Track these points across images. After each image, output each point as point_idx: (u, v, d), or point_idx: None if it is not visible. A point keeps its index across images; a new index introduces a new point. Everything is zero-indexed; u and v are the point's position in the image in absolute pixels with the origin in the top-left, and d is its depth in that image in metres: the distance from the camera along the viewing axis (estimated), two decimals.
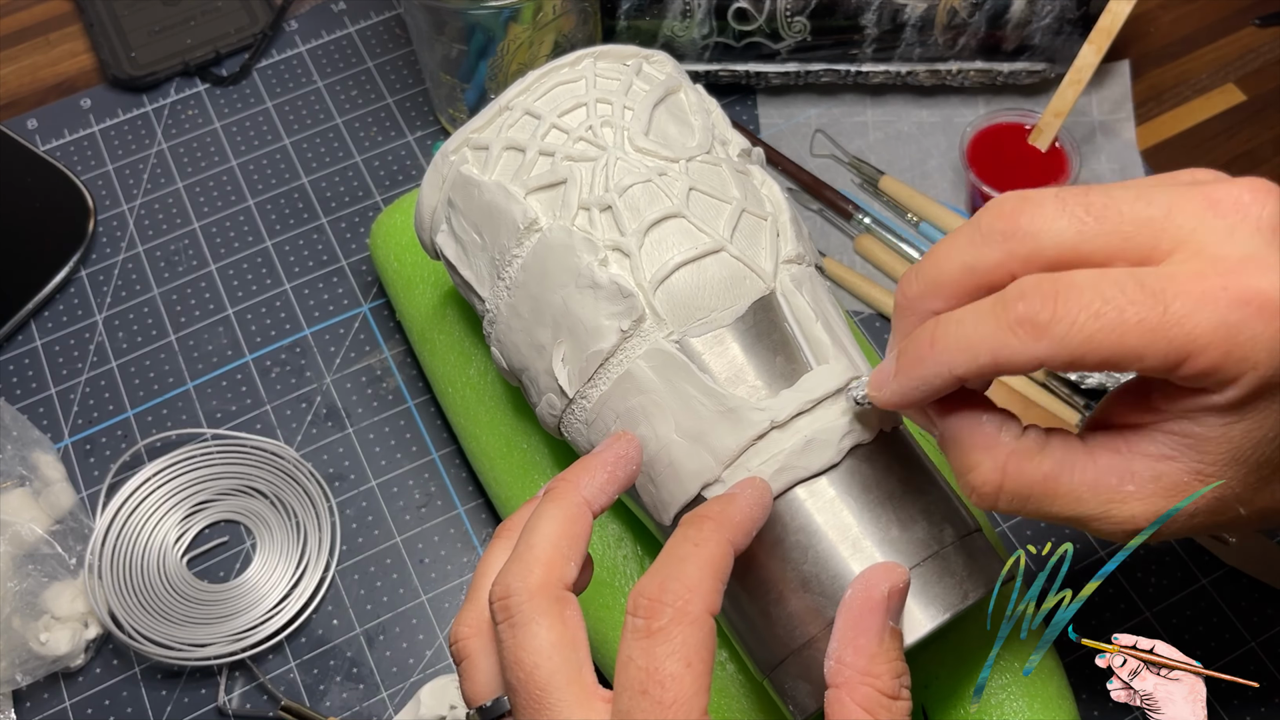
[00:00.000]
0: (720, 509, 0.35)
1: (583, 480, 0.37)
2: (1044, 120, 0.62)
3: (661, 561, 0.34)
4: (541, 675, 0.33)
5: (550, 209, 0.43)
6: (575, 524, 0.36)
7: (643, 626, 0.32)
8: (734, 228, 0.42)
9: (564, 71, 0.45)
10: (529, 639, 0.33)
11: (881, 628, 0.34)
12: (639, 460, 0.39)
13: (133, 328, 0.63)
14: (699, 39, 0.65)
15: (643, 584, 0.33)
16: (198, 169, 0.68)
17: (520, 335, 0.44)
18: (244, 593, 0.54)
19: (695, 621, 0.32)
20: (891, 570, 0.35)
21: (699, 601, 0.32)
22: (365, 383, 0.61)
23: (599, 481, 0.37)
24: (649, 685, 0.31)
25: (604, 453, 0.38)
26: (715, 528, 0.34)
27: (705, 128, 0.45)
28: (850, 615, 0.35)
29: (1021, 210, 0.33)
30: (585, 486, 0.37)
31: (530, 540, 0.35)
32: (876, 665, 0.34)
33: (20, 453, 0.56)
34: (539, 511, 0.36)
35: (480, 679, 0.36)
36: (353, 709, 0.53)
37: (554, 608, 0.34)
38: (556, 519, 0.36)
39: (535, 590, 0.34)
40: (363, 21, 0.74)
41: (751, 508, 0.36)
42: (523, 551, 0.35)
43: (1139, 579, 0.54)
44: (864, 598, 0.35)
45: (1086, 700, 0.51)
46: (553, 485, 0.37)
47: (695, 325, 0.41)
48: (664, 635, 0.32)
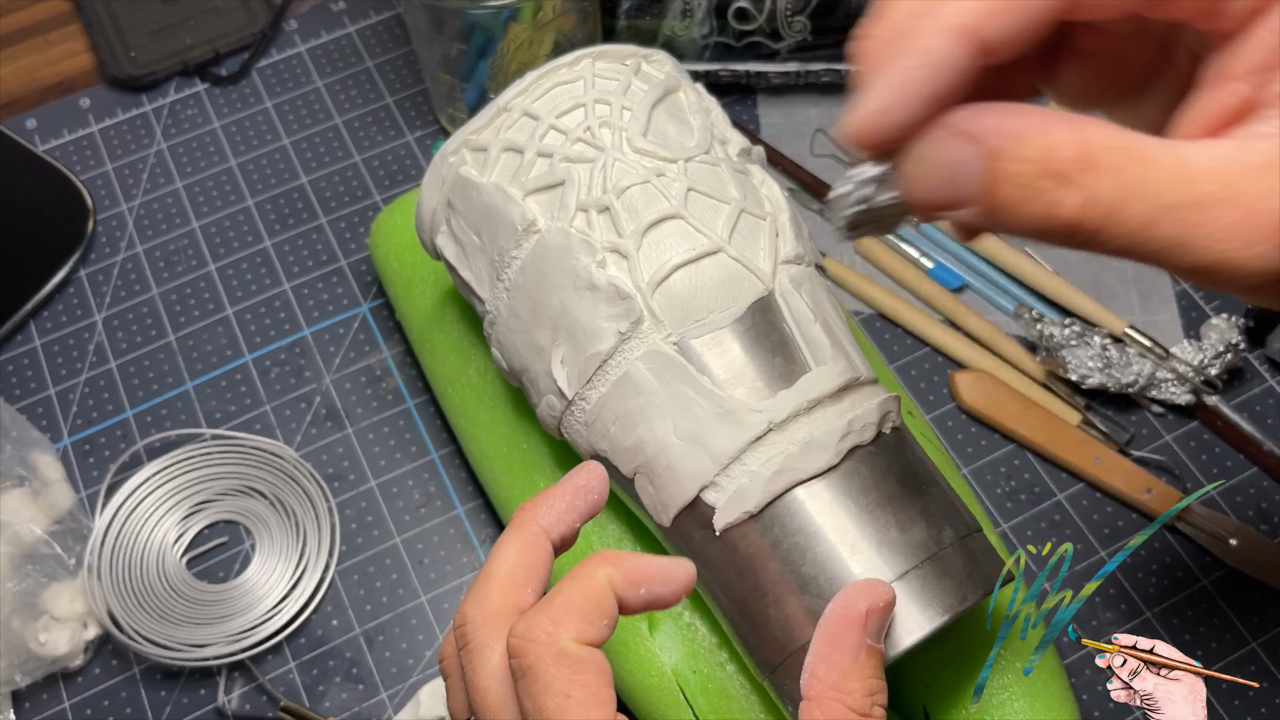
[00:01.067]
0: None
1: (540, 510, 0.37)
2: None
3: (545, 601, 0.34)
4: (493, 699, 0.34)
5: (548, 210, 0.43)
6: (532, 552, 0.36)
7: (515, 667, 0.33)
8: (732, 228, 0.42)
9: (562, 72, 0.45)
10: (482, 664, 0.34)
11: (857, 645, 0.34)
12: (602, 490, 0.38)
13: (132, 328, 0.63)
14: (699, 39, 0.65)
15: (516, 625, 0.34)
16: (197, 169, 0.68)
17: (520, 337, 0.44)
18: (243, 593, 0.54)
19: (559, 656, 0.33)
20: (873, 588, 0.35)
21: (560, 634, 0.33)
22: (365, 383, 0.61)
23: (557, 511, 0.37)
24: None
25: (565, 483, 0.38)
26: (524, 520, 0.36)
27: (704, 127, 0.45)
28: (827, 630, 0.35)
29: None
30: (543, 516, 0.37)
31: (489, 569, 0.36)
32: (849, 682, 0.34)
33: (19, 453, 0.56)
34: (500, 541, 0.37)
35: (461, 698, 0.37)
36: (352, 709, 0.53)
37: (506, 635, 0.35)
38: (513, 548, 0.36)
39: (489, 618, 0.35)
40: (362, 21, 0.74)
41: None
42: (481, 580, 0.36)
43: (1139, 579, 0.54)
44: (842, 614, 0.35)
45: (1086, 700, 0.51)
46: (516, 514, 0.38)
47: (694, 327, 0.41)
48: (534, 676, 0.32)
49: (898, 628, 0.37)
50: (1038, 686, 0.46)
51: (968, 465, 0.57)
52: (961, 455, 0.57)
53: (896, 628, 0.37)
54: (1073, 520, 0.55)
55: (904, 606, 0.38)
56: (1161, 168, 0.26)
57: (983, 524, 0.50)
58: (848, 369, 0.41)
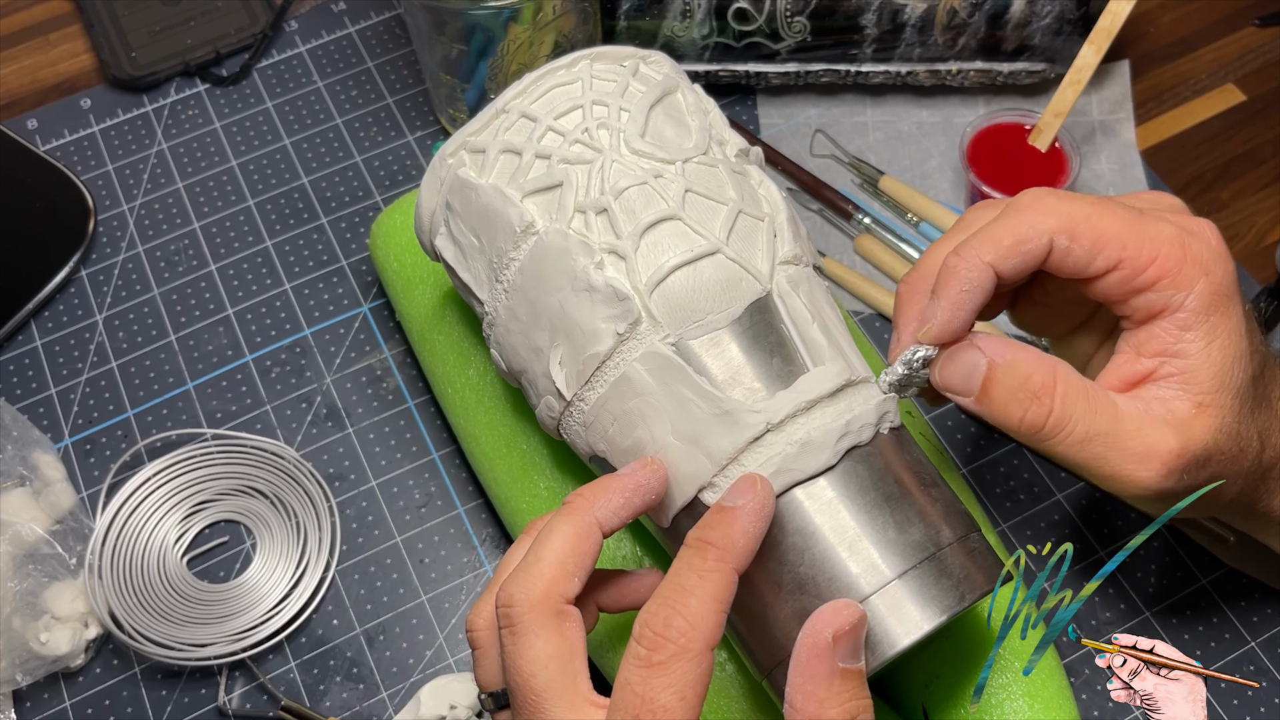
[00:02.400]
0: (724, 534, 0.36)
1: (599, 501, 0.38)
2: (1044, 120, 0.62)
3: (668, 590, 0.35)
4: (538, 683, 0.35)
5: (546, 212, 0.43)
6: (584, 542, 0.37)
7: (645, 656, 0.33)
8: (730, 229, 0.42)
9: (561, 73, 0.45)
10: (526, 649, 0.35)
11: (829, 672, 0.34)
12: (660, 490, 0.39)
13: (133, 328, 0.63)
14: (699, 39, 0.65)
15: (648, 614, 0.34)
16: (198, 169, 0.68)
17: (518, 338, 0.44)
18: (244, 593, 0.54)
19: (695, 658, 0.33)
20: (838, 611, 0.35)
21: (700, 639, 0.34)
22: (365, 383, 0.61)
23: (614, 505, 0.38)
24: (641, 713, 0.33)
25: (626, 478, 0.39)
26: (719, 557, 0.35)
27: (702, 128, 0.45)
28: (798, 662, 0.35)
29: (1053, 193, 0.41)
30: (600, 508, 0.38)
31: (539, 553, 0.37)
32: (826, 710, 0.34)
33: (20, 453, 0.56)
34: (551, 525, 0.37)
35: (491, 669, 0.39)
36: (353, 709, 0.53)
37: (553, 621, 0.36)
38: (566, 535, 0.37)
39: (536, 603, 0.36)
40: (363, 21, 0.74)
41: (754, 525, 0.36)
42: (531, 563, 0.37)
43: (1139, 579, 0.54)
44: (810, 644, 0.35)
45: (1086, 700, 0.51)
46: (571, 499, 0.38)
47: (692, 328, 0.41)
48: (663, 669, 0.33)
49: (896, 627, 0.37)
50: (1038, 686, 0.46)
51: (967, 465, 0.57)
52: (961, 455, 0.57)
53: (895, 627, 0.37)
54: (1072, 520, 0.55)
55: (902, 606, 0.38)
56: (1100, 405, 0.39)
57: (982, 524, 0.50)
58: (845, 369, 0.41)
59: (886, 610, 0.37)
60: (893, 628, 0.37)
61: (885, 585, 0.38)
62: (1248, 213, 0.65)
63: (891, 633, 0.37)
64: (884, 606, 0.37)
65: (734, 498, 0.36)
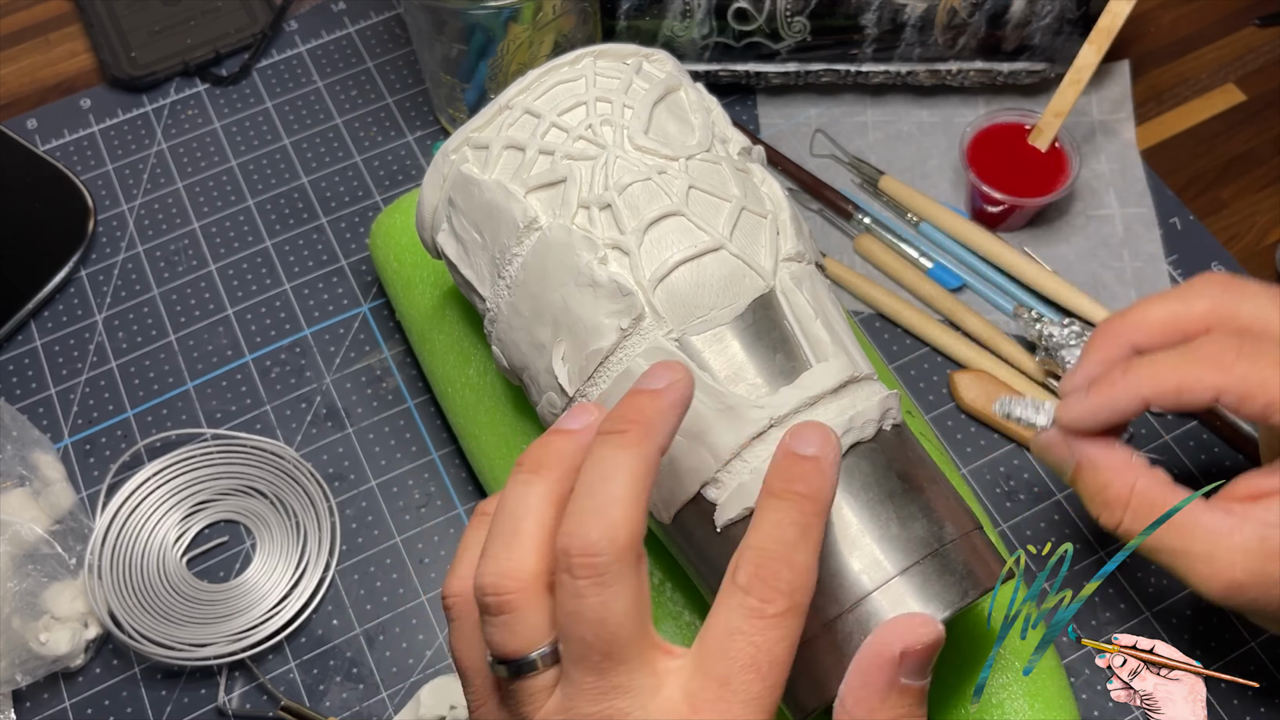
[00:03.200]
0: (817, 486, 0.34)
1: (658, 427, 0.34)
2: (1044, 120, 0.62)
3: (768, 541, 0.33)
4: (624, 634, 0.32)
5: (550, 207, 0.43)
6: (652, 474, 0.34)
7: (757, 608, 0.32)
8: (733, 226, 0.42)
9: (564, 70, 0.46)
10: (615, 599, 0.32)
11: (887, 685, 0.34)
12: (692, 390, 0.36)
13: (133, 328, 0.63)
14: (699, 39, 0.65)
15: (762, 567, 0.33)
16: (198, 169, 0.68)
17: (520, 334, 0.44)
18: (244, 593, 0.54)
19: (803, 614, 0.33)
20: (915, 627, 0.34)
21: (807, 595, 0.33)
22: (365, 383, 0.61)
23: (670, 426, 0.34)
24: (760, 663, 0.32)
25: (667, 393, 0.35)
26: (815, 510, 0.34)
27: (705, 126, 0.45)
28: (860, 665, 0.34)
29: (1233, 281, 0.43)
30: (660, 433, 0.34)
31: (612, 493, 0.33)
32: (876, 716, 0.34)
33: (20, 453, 0.56)
34: (612, 459, 0.33)
35: (525, 632, 0.34)
36: (353, 709, 0.53)
37: (639, 566, 0.33)
38: (636, 472, 0.33)
39: (623, 550, 0.32)
40: (363, 21, 0.74)
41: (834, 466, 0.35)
42: (605, 506, 0.33)
43: (1139, 579, 0.54)
44: (875, 652, 0.34)
45: (1086, 700, 0.51)
46: (620, 427, 0.34)
47: (695, 323, 0.41)
48: (779, 621, 0.32)
49: None
50: (1038, 686, 0.46)
51: (967, 465, 0.57)
52: (961, 455, 0.57)
53: None
54: (1072, 520, 0.55)
55: (905, 602, 0.38)
56: (1172, 524, 0.40)
57: (983, 523, 0.50)
58: (848, 365, 0.41)
59: (889, 606, 0.37)
60: None
61: (888, 581, 0.38)
62: (1248, 213, 0.65)
63: None
64: (886, 603, 0.37)
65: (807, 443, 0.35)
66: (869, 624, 0.38)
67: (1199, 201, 0.65)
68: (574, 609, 0.32)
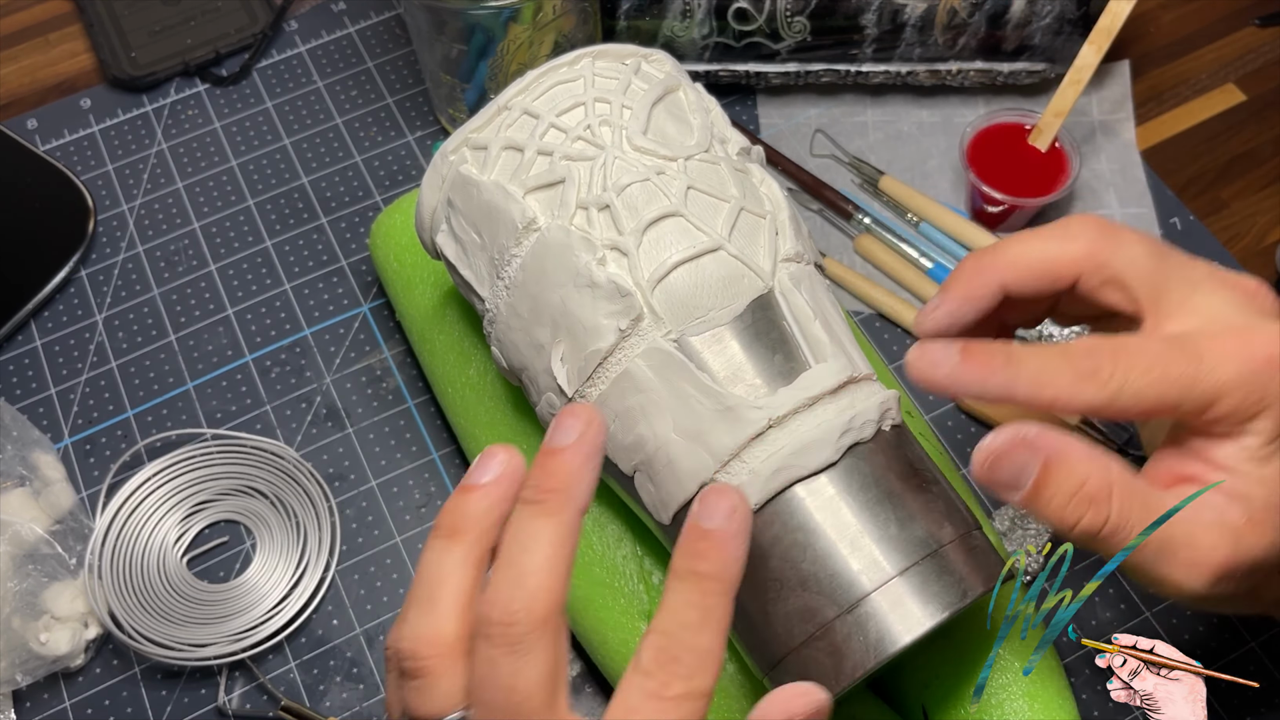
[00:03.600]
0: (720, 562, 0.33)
1: (574, 490, 0.34)
2: (1044, 120, 0.62)
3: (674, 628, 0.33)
4: (532, 704, 0.32)
5: (549, 208, 0.43)
6: (572, 539, 0.34)
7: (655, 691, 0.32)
8: (732, 226, 0.42)
9: (562, 71, 0.46)
10: (528, 668, 0.32)
11: None
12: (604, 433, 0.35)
13: (133, 328, 0.63)
14: (699, 39, 0.65)
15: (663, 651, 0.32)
16: (198, 169, 0.68)
17: (519, 334, 0.44)
18: (244, 593, 0.54)
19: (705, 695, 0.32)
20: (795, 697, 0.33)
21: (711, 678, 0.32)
22: (365, 383, 0.61)
23: (588, 484, 0.34)
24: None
25: (577, 448, 0.34)
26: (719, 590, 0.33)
27: (704, 126, 0.45)
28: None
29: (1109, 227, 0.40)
30: (578, 495, 0.34)
31: (531, 564, 0.33)
32: None
33: (20, 453, 0.56)
34: (529, 529, 0.34)
35: (438, 697, 0.34)
36: (353, 709, 0.53)
37: (556, 636, 0.33)
38: (554, 541, 0.33)
39: (540, 620, 0.33)
40: (363, 21, 0.74)
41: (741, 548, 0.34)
42: (527, 575, 0.33)
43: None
44: None
45: (1086, 700, 0.51)
46: (537, 497, 0.34)
47: (693, 324, 0.41)
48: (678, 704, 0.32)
49: (897, 625, 0.37)
50: (1037, 686, 0.46)
51: (967, 465, 0.57)
52: (961, 455, 0.57)
53: (896, 625, 0.37)
54: None
55: (904, 603, 0.38)
56: (1151, 510, 0.37)
57: (982, 523, 0.50)
58: (847, 366, 0.41)
59: (888, 607, 0.37)
60: (894, 625, 0.37)
61: (887, 582, 0.38)
62: (1248, 213, 0.65)
63: (893, 630, 0.37)
64: (885, 603, 0.37)
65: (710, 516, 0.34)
66: (867, 625, 0.38)
67: (1199, 201, 0.65)
68: (486, 675, 0.33)
